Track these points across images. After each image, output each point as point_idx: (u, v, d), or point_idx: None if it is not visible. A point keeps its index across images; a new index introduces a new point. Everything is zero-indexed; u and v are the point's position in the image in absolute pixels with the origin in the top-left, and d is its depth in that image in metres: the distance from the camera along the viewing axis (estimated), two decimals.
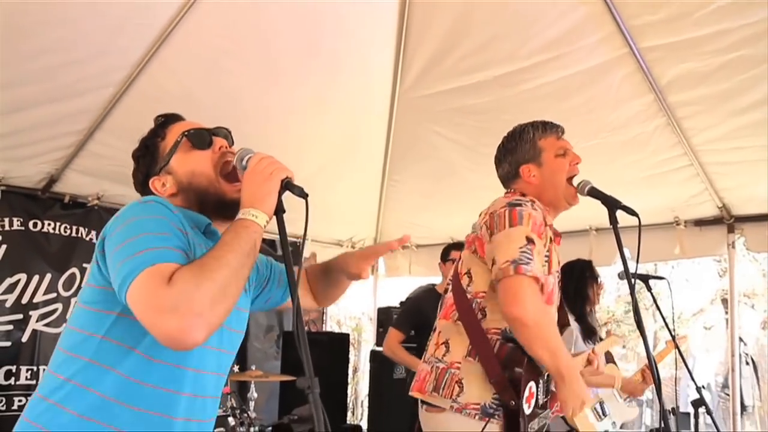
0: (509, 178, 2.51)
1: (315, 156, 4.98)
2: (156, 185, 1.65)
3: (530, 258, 2.17)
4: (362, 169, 5.48)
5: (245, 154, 1.58)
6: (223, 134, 1.72)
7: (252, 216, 1.48)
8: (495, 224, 2.27)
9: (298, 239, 6.35)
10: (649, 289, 3.55)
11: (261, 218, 1.48)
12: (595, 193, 2.33)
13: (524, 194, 2.41)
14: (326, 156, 5.08)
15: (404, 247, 6.28)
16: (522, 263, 2.15)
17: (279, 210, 1.53)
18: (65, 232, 4.70)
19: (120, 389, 1.45)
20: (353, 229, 6.27)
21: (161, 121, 1.72)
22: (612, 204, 2.25)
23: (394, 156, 5.35)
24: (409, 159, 5.30)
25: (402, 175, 5.53)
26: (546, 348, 2.19)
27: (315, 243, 6.08)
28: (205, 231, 1.61)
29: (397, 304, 5.73)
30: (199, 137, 1.67)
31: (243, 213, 1.49)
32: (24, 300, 4.43)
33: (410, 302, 4.64)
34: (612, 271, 4.21)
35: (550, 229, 2.40)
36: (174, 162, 1.65)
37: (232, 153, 1.65)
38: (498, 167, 2.55)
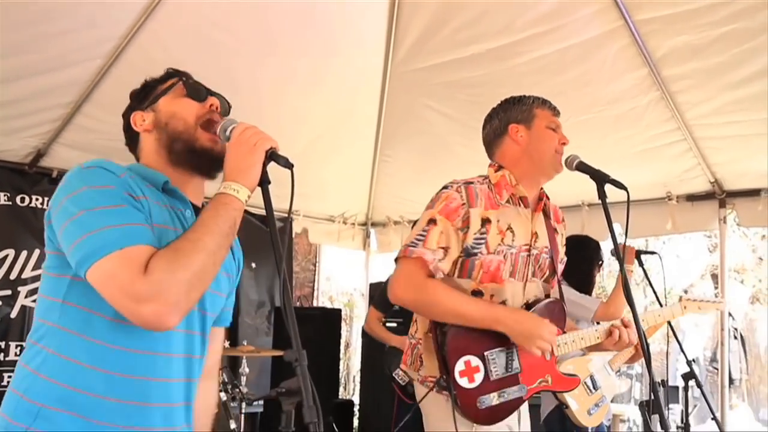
0: (496, 136, 2.49)
1: (307, 130, 4.92)
2: (136, 119, 1.65)
3: (421, 240, 2.25)
4: (354, 144, 5.44)
5: (229, 125, 1.54)
6: (223, 105, 1.70)
7: (233, 191, 1.45)
8: (428, 205, 2.37)
9: (291, 216, 6.29)
10: (641, 264, 3.55)
11: (242, 193, 1.46)
12: (583, 168, 2.31)
13: (501, 166, 2.44)
14: (318, 131, 5.03)
15: (396, 223, 6.26)
16: (411, 246, 2.26)
17: (264, 181, 1.50)
18: None
19: (89, 353, 1.44)
20: (345, 205, 6.23)
21: (171, 72, 1.72)
22: (600, 178, 2.23)
23: (386, 131, 5.31)
24: (402, 134, 5.26)
25: (394, 150, 5.48)
26: (448, 315, 2.25)
27: (306, 218, 6.04)
28: (164, 188, 1.57)
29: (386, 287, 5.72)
30: (196, 89, 1.66)
31: (224, 187, 1.47)
32: (12, 276, 4.38)
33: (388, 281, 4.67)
34: (605, 246, 4.20)
35: (522, 203, 2.40)
36: (162, 102, 1.65)
37: (220, 116, 1.63)
38: (485, 127, 2.54)
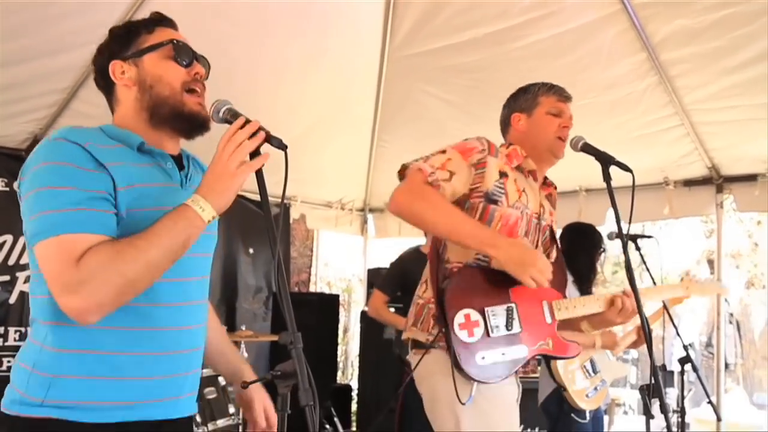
0: (504, 126, 2.54)
1: (304, 116, 4.90)
2: (115, 68, 1.60)
3: (426, 157, 2.24)
4: (352, 130, 5.42)
5: (221, 106, 1.53)
6: (205, 65, 1.68)
7: (199, 208, 1.43)
8: None
9: (287, 200, 6.32)
10: (638, 249, 3.55)
11: (207, 213, 1.44)
12: (588, 149, 2.31)
13: (511, 143, 2.45)
14: (315, 116, 5.00)
15: None
16: (415, 161, 2.24)
17: (258, 171, 1.47)
18: None
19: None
20: (343, 190, 6.22)
21: (158, 18, 1.67)
22: (605, 160, 2.23)
23: (384, 116, 5.29)
24: (399, 119, 5.24)
25: (391, 136, 5.46)
26: (441, 223, 2.19)
27: (304, 204, 6.02)
28: (139, 149, 1.56)
29: (387, 266, 5.73)
30: (185, 53, 1.62)
31: (193, 200, 1.44)
32: (11, 261, 4.37)
33: (395, 264, 4.65)
34: (602, 231, 4.20)
35: (532, 176, 2.41)
36: (147, 59, 1.60)
37: (203, 87, 1.63)
38: (501, 112, 2.57)
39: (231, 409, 3.93)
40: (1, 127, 4.23)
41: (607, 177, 2.21)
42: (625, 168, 2.16)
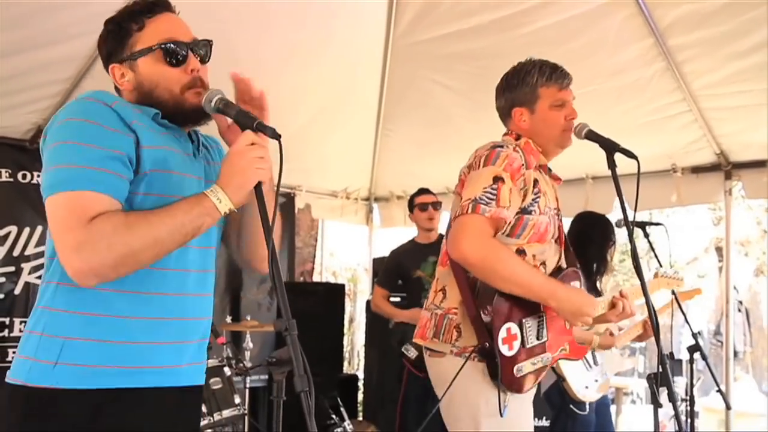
0: (503, 116, 2.50)
1: (308, 106, 4.89)
2: (115, 72, 1.62)
3: (492, 197, 2.15)
4: (356, 118, 5.40)
5: (213, 96, 1.54)
6: (201, 52, 1.65)
7: (217, 200, 1.45)
8: (474, 165, 2.28)
9: (292, 190, 6.32)
10: (647, 236, 3.53)
11: (224, 205, 1.46)
12: (593, 136, 2.29)
13: (519, 136, 2.42)
14: (319, 105, 4.99)
15: (399, 198, 6.25)
16: (481, 203, 2.15)
17: (257, 189, 1.48)
18: None
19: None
20: (347, 180, 6.20)
21: (147, 5, 1.63)
22: (610, 147, 2.22)
23: (389, 104, 5.26)
24: (404, 107, 5.22)
25: (396, 124, 5.44)
26: (510, 282, 2.19)
27: (309, 194, 6.02)
28: (154, 119, 1.57)
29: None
30: (175, 55, 1.60)
31: (213, 190, 1.46)
32: (15, 252, 4.39)
33: (390, 258, 4.74)
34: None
35: (543, 171, 2.40)
36: (142, 64, 1.60)
37: (203, 82, 1.62)
38: (496, 100, 2.51)
39: (236, 400, 3.95)
40: (5, 118, 4.23)
41: (612, 164, 2.20)
42: (630, 155, 2.15)
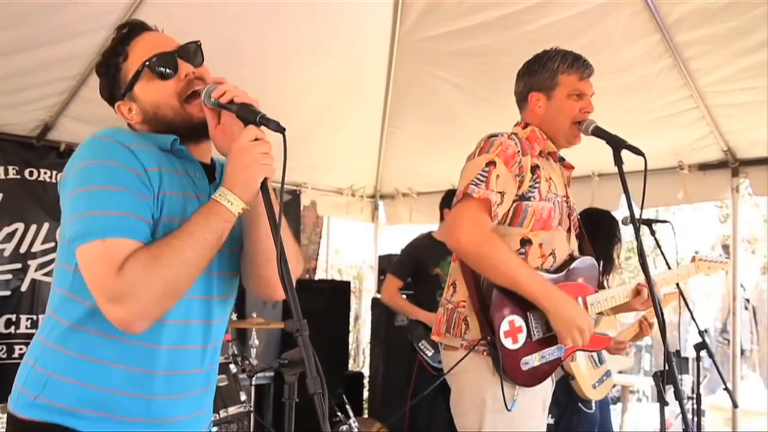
0: (520, 100, 2.49)
1: (314, 102, 4.90)
2: (122, 110, 1.60)
3: (483, 179, 2.16)
4: (362, 116, 5.40)
5: (212, 89, 1.50)
6: (189, 56, 1.60)
7: (228, 202, 1.42)
8: (471, 156, 2.30)
9: (298, 187, 6.31)
10: (653, 233, 3.52)
11: (236, 206, 1.43)
12: (600, 133, 2.29)
13: (527, 125, 2.43)
14: (325, 102, 5.00)
15: (405, 195, 6.25)
16: (471, 184, 2.16)
17: (263, 187, 1.46)
18: None
19: (97, 321, 1.42)
20: (353, 177, 6.21)
21: (123, 35, 1.60)
22: (617, 144, 2.22)
23: (394, 101, 5.27)
24: (410, 104, 5.22)
25: (402, 121, 5.45)
26: (501, 275, 2.18)
27: (315, 191, 6.03)
28: (172, 149, 1.54)
29: (398, 252, 5.72)
30: (162, 67, 1.55)
31: (221, 195, 1.43)
32: (22, 249, 4.40)
33: (408, 249, 4.56)
34: (615, 217, 4.17)
35: (553, 158, 2.41)
36: (138, 90, 1.57)
37: (200, 80, 1.58)
38: (515, 84, 2.51)
39: (242, 397, 3.96)
40: (12, 115, 4.25)
41: (619, 161, 2.19)
42: (637, 152, 2.15)
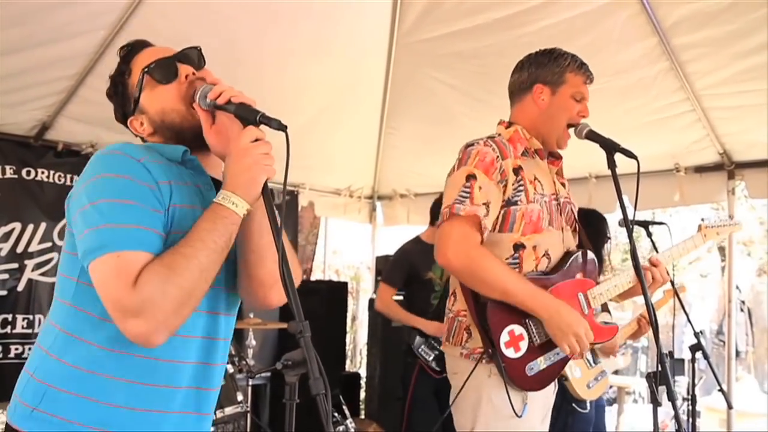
0: (520, 89, 2.44)
1: (312, 103, 4.89)
2: (135, 125, 1.60)
3: (466, 196, 2.17)
4: (360, 117, 5.40)
5: (208, 90, 1.48)
6: (190, 59, 1.61)
7: (232, 204, 1.40)
8: (452, 170, 2.30)
9: (296, 188, 6.29)
10: (649, 235, 3.53)
11: (241, 207, 1.41)
12: (593, 136, 2.29)
13: (511, 124, 2.41)
14: (323, 103, 4.99)
15: (402, 196, 6.25)
16: (456, 202, 2.17)
17: (264, 188, 1.44)
18: (59, 181, 4.62)
19: (99, 333, 1.41)
20: (351, 178, 6.21)
21: (124, 54, 1.62)
22: (610, 147, 2.22)
23: (392, 103, 5.27)
24: (407, 106, 5.22)
25: (400, 123, 5.45)
26: (492, 289, 2.18)
27: (313, 192, 6.03)
28: (184, 160, 1.53)
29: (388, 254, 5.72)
30: (162, 71, 1.56)
31: (223, 197, 1.41)
32: (19, 249, 4.40)
33: (399, 255, 4.53)
34: (612, 218, 4.18)
35: (539, 155, 2.39)
36: (144, 101, 1.57)
37: (202, 80, 1.56)
38: (515, 73, 2.48)
39: (239, 397, 3.96)
40: (9, 115, 4.25)
41: (612, 164, 2.20)
42: (630, 155, 2.15)
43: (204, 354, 1.54)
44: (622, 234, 3.76)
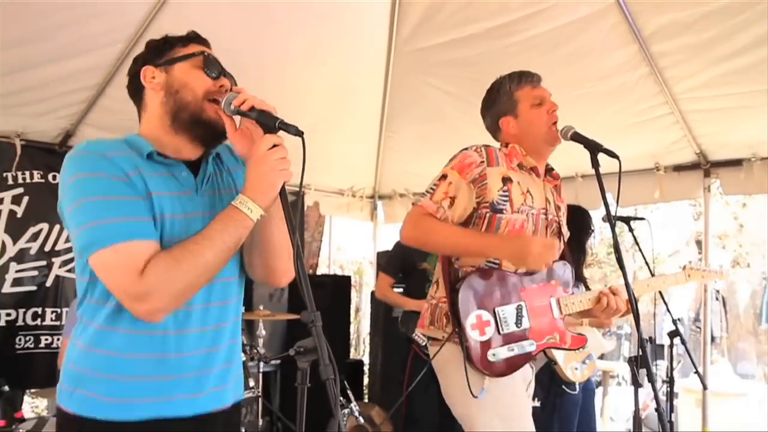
0: (494, 130, 2.50)
1: (317, 108, 4.87)
2: (146, 73, 1.58)
3: (431, 191, 2.27)
4: (361, 122, 5.38)
5: (233, 98, 1.50)
6: (231, 79, 1.63)
7: (248, 209, 1.43)
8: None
9: (302, 188, 6.27)
10: (631, 230, 3.52)
11: (255, 213, 1.43)
12: (578, 138, 2.29)
13: (508, 144, 2.43)
14: (327, 108, 4.97)
15: (401, 195, 6.24)
16: (422, 195, 2.29)
17: (281, 191, 1.47)
18: None
19: (114, 319, 1.44)
20: (353, 179, 6.19)
21: (193, 35, 1.64)
22: (594, 147, 2.23)
23: (391, 108, 5.25)
24: (405, 111, 5.20)
25: (398, 127, 5.43)
26: (445, 245, 2.28)
27: (318, 192, 6.02)
28: (149, 157, 1.51)
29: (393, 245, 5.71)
30: (213, 66, 1.59)
31: (241, 201, 1.43)
32: (47, 248, 4.39)
33: (396, 247, 4.63)
34: (597, 215, 4.17)
35: (535, 173, 2.40)
36: (177, 67, 1.57)
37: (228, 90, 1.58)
38: (483, 120, 2.53)
39: (251, 383, 3.95)
40: (36, 123, 4.24)
41: (596, 163, 2.20)
42: (612, 155, 2.15)
43: (214, 318, 1.56)
44: (607, 229, 3.75)
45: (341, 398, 4.22)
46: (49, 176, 4.44)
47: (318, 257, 7.08)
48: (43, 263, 4.38)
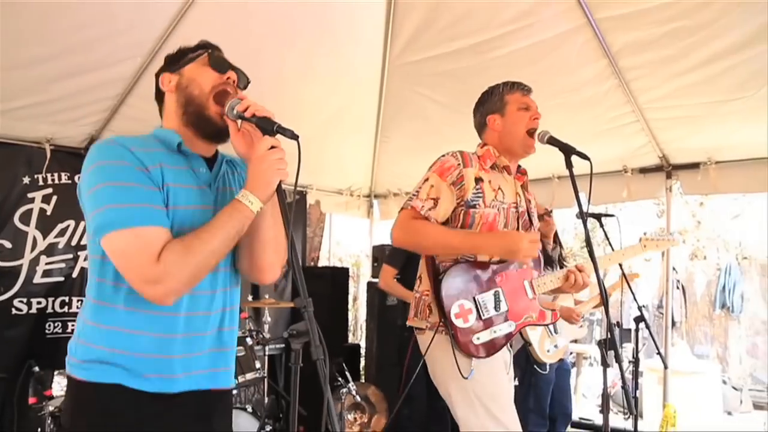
0: (480, 126, 2.51)
1: (318, 116, 4.87)
2: (164, 79, 1.60)
3: (416, 193, 2.27)
4: (359, 128, 5.39)
5: (236, 103, 1.51)
6: (242, 79, 1.63)
7: (249, 202, 1.44)
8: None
9: (305, 188, 6.25)
10: (602, 226, 3.54)
11: (256, 205, 1.45)
12: (553, 141, 2.31)
13: (486, 144, 2.45)
14: (328, 117, 4.97)
15: (395, 194, 6.25)
16: (408, 198, 2.29)
17: (278, 188, 1.47)
18: None
19: (119, 297, 1.44)
20: (351, 179, 6.20)
21: (204, 43, 1.65)
22: (567, 150, 2.24)
23: (386, 116, 5.25)
24: (399, 118, 5.21)
25: (393, 132, 5.44)
26: (435, 245, 2.26)
27: (319, 191, 6.02)
28: (179, 149, 1.53)
29: (390, 243, 5.69)
30: (219, 62, 1.59)
31: (243, 195, 1.45)
32: (73, 242, 4.39)
33: None
34: (572, 212, 4.19)
35: (507, 171, 2.42)
36: (187, 68, 1.59)
37: (235, 90, 1.58)
38: (473, 118, 2.54)
39: (257, 365, 3.95)
40: (64, 130, 4.24)
41: (569, 165, 2.21)
42: (584, 157, 2.17)
43: (212, 304, 1.56)
44: (580, 225, 3.76)
45: (340, 378, 4.22)
46: (75, 177, 4.43)
47: (319, 251, 7.06)
48: (70, 256, 4.38)
